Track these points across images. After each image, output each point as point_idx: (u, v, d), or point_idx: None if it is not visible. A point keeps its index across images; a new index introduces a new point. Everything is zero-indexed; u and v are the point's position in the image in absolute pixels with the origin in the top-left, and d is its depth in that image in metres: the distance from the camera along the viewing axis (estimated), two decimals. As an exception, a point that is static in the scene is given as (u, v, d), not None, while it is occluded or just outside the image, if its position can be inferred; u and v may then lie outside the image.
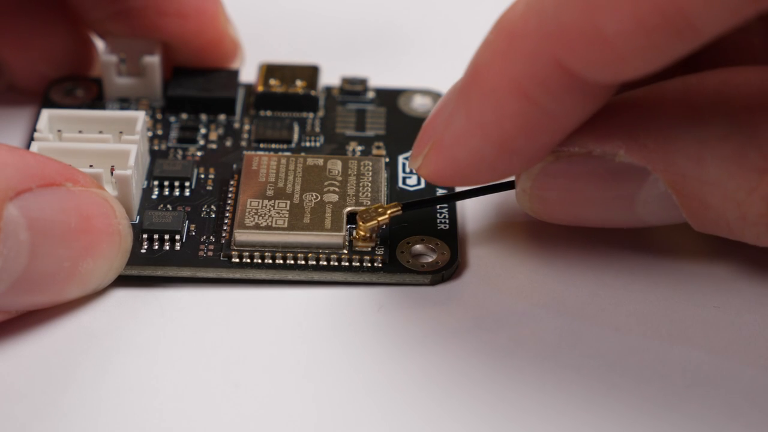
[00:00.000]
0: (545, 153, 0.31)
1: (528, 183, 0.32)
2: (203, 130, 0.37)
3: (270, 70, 0.38)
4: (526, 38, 0.28)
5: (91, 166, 0.33)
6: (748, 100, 0.30)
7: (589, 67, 0.28)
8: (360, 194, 0.34)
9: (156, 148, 0.36)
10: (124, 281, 0.33)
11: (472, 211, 0.35)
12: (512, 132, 0.29)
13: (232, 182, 0.35)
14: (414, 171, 0.34)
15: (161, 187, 0.35)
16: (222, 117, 0.38)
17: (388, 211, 0.33)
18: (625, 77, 0.28)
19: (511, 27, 0.29)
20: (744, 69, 0.31)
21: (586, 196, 0.32)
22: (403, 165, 0.36)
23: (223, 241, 0.33)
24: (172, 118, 0.37)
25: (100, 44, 0.39)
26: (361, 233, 0.33)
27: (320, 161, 0.35)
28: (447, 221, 0.34)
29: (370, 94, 0.39)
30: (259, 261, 0.33)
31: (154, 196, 0.35)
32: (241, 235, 0.33)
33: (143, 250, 0.33)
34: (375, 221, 0.33)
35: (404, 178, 0.36)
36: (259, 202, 0.34)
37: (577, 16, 0.27)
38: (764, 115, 0.30)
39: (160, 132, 0.37)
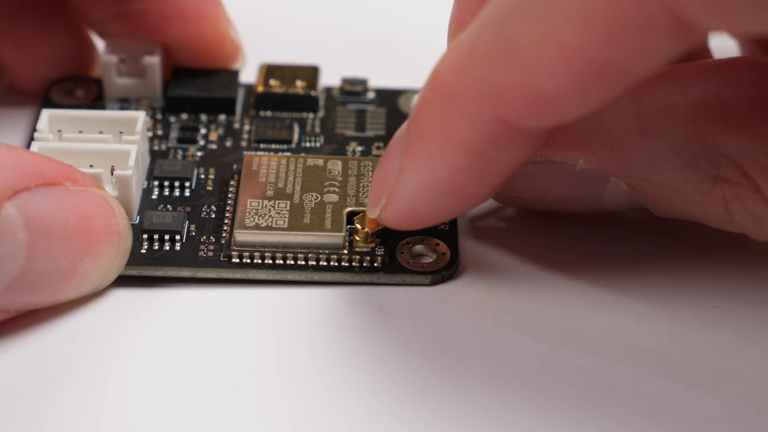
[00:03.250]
0: (499, 188, 0.32)
1: None
2: (203, 131, 0.37)
3: (270, 71, 0.38)
4: (465, 99, 0.29)
5: (91, 166, 0.33)
6: (693, 107, 0.31)
7: (531, 120, 0.28)
8: (360, 194, 0.34)
9: (156, 148, 0.36)
10: (124, 281, 0.32)
11: (472, 212, 0.35)
12: (465, 183, 0.30)
13: (232, 182, 0.35)
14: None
15: (161, 187, 0.35)
16: (222, 117, 0.38)
17: None
18: (566, 121, 0.28)
19: (448, 88, 0.29)
20: (687, 67, 0.31)
21: (554, 196, 0.33)
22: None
23: (223, 242, 0.33)
24: (173, 119, 0.37)
25: (100, 45, 0.39)
26: (359, 238, 0.33)
27: (320, 161, 0.35)
28: (447, 221, 0.34)
29: (370, 95, 0.39)
30: (259, 261, 0.33)
31: (154, 197, 0.35)
32: (241, 236, 0.33)
33: (143, 251, 0.33)
34: (374, 224, 0.33)
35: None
36: (259, 202, 0.34)
37: (513, 78, 0.28)
38: (709, 123, 0.31)
39: (160, 132, 0.37)
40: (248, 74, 0.39)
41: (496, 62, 0.28)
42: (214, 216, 0.34)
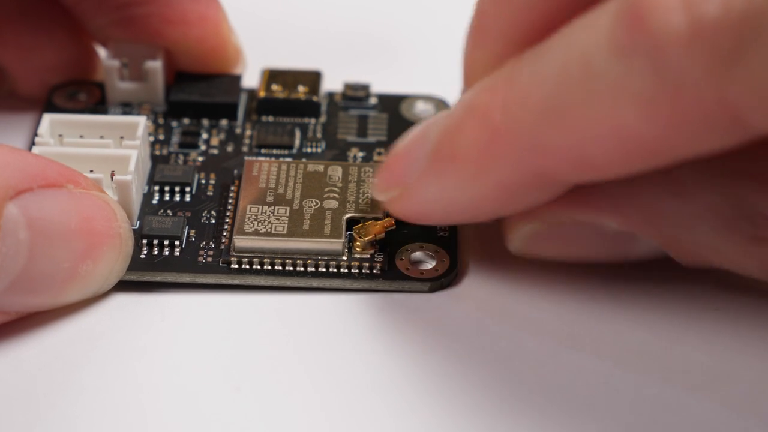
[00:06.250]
0: (516, 212, 0.32)
1: (518, 245, 0.32)
2: (205, 135, 0.37)
3: (272, 76, 0.38)
4: (509, 144, 0.29)
5: (91, 171, 0.33)
6: (729, 168, 0.30)
7: (570, 178, 0.29)
8: (360, 201, 0.34)
9: (157, 153, 0.36)
10: (123, 286, 0.33)
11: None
12: (485, 208, 0.31)
13: (232, 188, 0.35)
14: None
15: (162, 192, 0.35)
16: (224, 122, 0.38)
17: (383, 226, 0.33)
18: (604, 180, 0.29)
19: (493, 125, 0.29)
20: None
21: (579, 255, 0.33)
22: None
23: (223, 247, 0.33)
24: (174, 123, 0.38)
25: (101, 52, 0.39)
26: (358, 249, 0.33)
27: (321, 167, 0.35)
28: (446, 228, 0.34)
29: (373, 100, 0.39)
30: (258, 267, 0.33)
31: (154, 202, 0.35)
32: (240, 241, 0.33)
33: (143, 256, 0.33)
34: (372, 236, 0.33)
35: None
36: (258, 208, 0.34)
37: (563, 139, 0.28)
38: (747, 184, 0.30)
39: (161, 137, 0.37)
40: (250, 79, 0.39)
41: (548, 120, 0.28)
42: (214, 221, 0.34)
